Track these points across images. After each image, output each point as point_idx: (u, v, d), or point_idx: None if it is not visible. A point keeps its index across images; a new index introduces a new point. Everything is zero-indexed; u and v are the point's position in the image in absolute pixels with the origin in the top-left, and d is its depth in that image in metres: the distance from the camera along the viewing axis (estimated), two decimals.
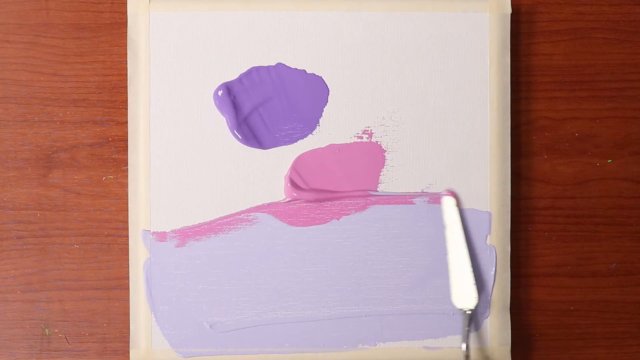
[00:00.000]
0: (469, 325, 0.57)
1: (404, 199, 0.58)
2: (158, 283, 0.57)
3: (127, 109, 0.58)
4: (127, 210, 0.58)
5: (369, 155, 0.58)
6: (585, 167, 0.60)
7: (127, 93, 0.58)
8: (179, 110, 0.57)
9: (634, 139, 0.60)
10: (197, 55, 0.57)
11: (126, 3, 0.58)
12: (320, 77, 0.58)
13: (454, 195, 0.57)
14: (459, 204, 0.57)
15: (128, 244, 0.58)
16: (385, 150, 0.58)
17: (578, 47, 0.60)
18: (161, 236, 0.57)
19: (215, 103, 0.57)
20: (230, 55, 0.57)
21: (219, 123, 0.57)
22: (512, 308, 0.59)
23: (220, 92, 0.57)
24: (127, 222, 0.58)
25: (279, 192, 0.57)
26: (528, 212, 0.59)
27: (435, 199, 0.57)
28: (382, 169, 0.58)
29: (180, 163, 0.57)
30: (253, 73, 0.57)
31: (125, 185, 0.58)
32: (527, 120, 0.59)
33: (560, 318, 0.60)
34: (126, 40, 0.58)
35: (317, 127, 0.58)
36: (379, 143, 0.58)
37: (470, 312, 0.57)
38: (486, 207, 0.58)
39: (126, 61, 0.58)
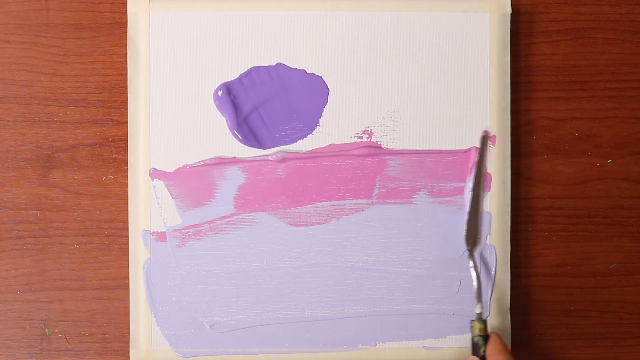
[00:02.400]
0: (476, 265, 0.56)
1: (404, 198, 0.58)
2: (158, 283, 0.57)
3: (127, 109, 0.58)
4: (127, 210, 0.58)
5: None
6: (585, 167, 0.60)
7: (127, 93, 0.58)
8: (179, 110, 0.57)
9: (634, 139, 0.60)
10: (197, 55, 0.57)
11: (126, 3, 0.58)
12: (320, 77, 0.58)
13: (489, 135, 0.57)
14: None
15: (128, 244, 0.58)
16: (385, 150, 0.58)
17: (578, 47, 0.60)
18: (161, 236, 0.57)
19: (215, 103, 0.57)
20: (230, 55, 0.57)
21: (219, 123, 0.57)
22: (512, 308, 0.59)
23: (220, 92, 0.57)
24: (127, 222, 0.58)
25: (278, 192, 0.57)
26: (528, 212, 0.59)
27: (435, 197, 0.57)
28: (382, 169, 0.58)
29: (180, 163, 0.57)
30: (253, 73, 0.57)
31: (125, 185, 0.58)
32: (527, 120, 0.59)
33: (560, 318, 0.59)
34: (126, 40, 0.58)
35: (317, 127, 0.57)
36: (379, 143, 0.58)
37: (470, 250, 0.57)
38: (486, 207, 0.58)
39: (126, 61, 0.58)
